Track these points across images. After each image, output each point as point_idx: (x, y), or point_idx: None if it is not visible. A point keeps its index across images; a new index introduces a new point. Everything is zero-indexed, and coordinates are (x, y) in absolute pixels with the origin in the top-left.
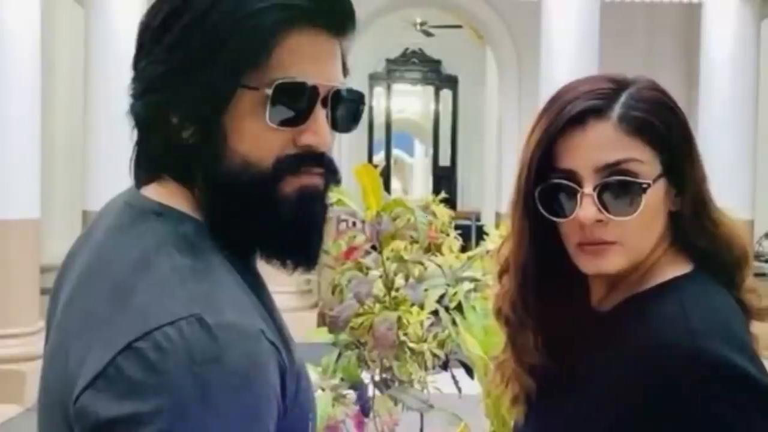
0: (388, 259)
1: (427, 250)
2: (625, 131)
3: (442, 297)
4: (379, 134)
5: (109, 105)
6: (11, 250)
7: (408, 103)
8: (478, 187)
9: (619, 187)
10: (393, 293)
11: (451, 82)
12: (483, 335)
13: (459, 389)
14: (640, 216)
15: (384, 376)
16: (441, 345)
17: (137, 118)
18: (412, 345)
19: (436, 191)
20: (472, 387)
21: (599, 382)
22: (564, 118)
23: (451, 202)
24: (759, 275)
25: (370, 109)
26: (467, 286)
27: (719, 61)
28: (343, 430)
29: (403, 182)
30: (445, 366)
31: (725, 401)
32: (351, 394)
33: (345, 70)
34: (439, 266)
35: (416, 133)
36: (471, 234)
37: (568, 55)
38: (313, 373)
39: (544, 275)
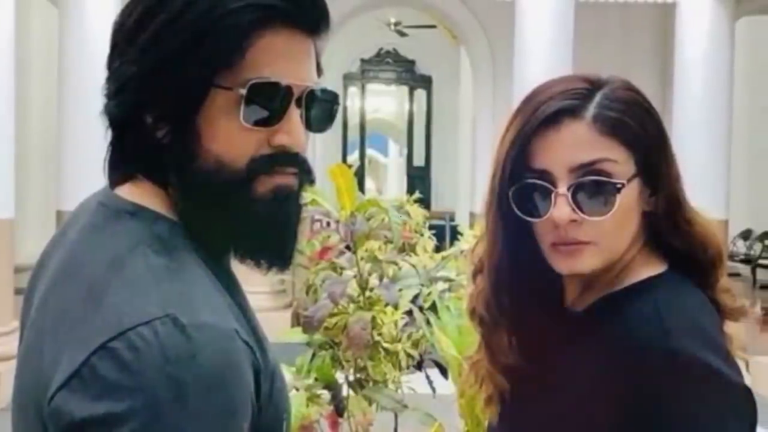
0: (362, 259)
1: (402, 250)
2: (599, 131)
3: (416, 297)
4: (353, 134)
5: (83, 105)
6: None
7: (382, 103)
8: (453, 187)
9: (594, 187)
10: (367, 293)
11: (426, 82)
12: (457, 335)
13: (433, 389)
14: (614, 216)
15: (358, 376)
16: (415, 345)
17: (111, 118)
18: (386, 345)
19: (410, 191)
20: (446, 387)
21: (573, 382)
22: (538, 118)
23: (425, 202)
24: (733, 275)
25: (344, 109)
26: (441, 286)
27: (693, 61)
28: (318, 430)
29: (377, 182)
30: (419, 366)
31: (699, 401)
32: (325, 394)
33: (319, 70)
34: (414, 266)
35: (390, 133)
36: (445, 234)
37: (542, 55)
38: (288, 373)
39: (519, 275)
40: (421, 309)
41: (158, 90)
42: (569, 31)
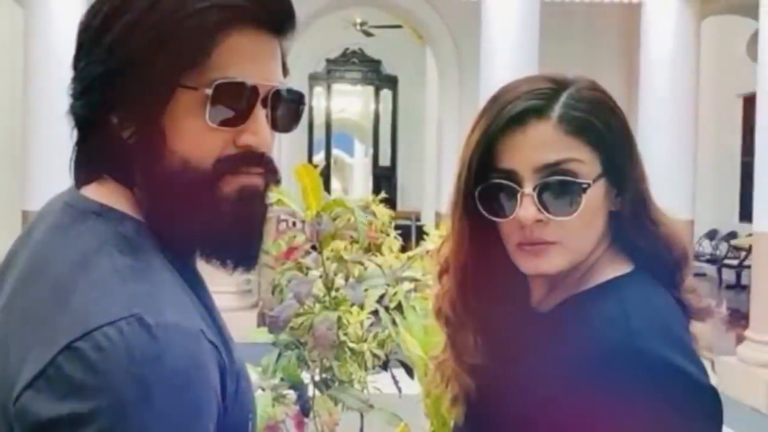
0: (328, 259)
1: (367, 250)
2: (565, 131)
3: (382, 297)
4: (319, 134)
5: (49, 105)
6: None
7: (348, 103)
8: (418, 187)
9: (559, 187)
10: (333, 293)
11: (391, 82)
12: (423, 335)
13: (399, 389)
14: (580, 216)
15: (324, 376)
16: (381, 345)
17: (77, 118)
18: (352, 345)
19: (376, 191)
20: (412, 387)
21: (540, 383)
22: (504, 118)
23: (391, 202)
24: (699, 275)
25: (310, 109)
26: (407, 286)
27: (659, 61)
28: (283, 430)
29: (343, 182)
30: (385, 366)
31: (666, 402)
32: (291, 394)
33: (285, 70)
34: (379, 266)
35: (356, 133)
36: (411, 234)
37: (508, 55)
38: (253, 373)
39: (484, 275)
40: (386, 309)
41: (124, 90)
42: (535, 31)
